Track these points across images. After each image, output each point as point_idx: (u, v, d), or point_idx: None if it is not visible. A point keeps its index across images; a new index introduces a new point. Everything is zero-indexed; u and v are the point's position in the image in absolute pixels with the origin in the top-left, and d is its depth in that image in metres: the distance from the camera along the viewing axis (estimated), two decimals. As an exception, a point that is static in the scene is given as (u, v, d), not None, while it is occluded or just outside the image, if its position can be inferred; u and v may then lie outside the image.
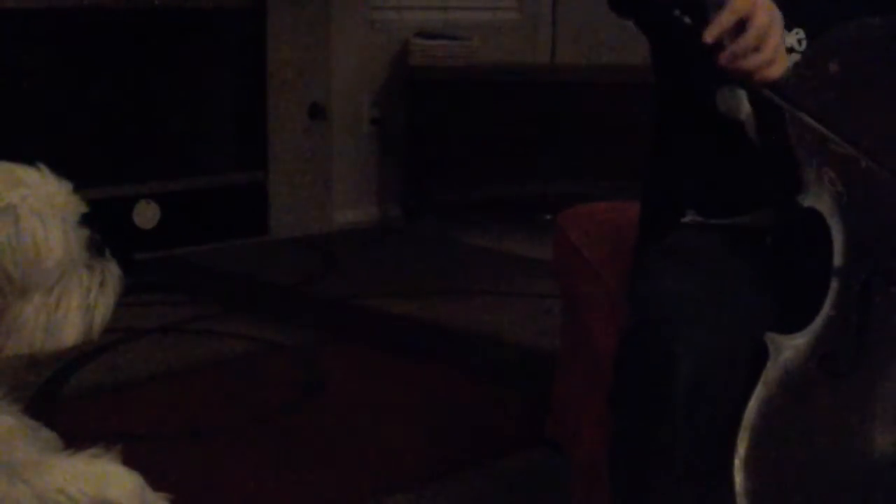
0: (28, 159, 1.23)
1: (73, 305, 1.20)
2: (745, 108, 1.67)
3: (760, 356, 1.43)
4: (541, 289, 3.79)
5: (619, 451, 1.56)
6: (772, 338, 1.44)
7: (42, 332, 1.18)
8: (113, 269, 1.25)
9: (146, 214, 4.38)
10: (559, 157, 4.83)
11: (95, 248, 1.24)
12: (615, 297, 1.85)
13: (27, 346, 1.17)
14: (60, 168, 1.24)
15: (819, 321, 1.45)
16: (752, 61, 1.43)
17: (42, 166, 1.22)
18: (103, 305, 1.24)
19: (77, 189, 1.24)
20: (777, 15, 1.45)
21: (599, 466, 1.69)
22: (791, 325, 1.46)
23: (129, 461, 1.25)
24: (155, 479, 1.26)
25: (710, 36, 1.41)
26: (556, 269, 2.28)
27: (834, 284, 1.46)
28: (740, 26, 1.41)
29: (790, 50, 1.60)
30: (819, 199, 1.48)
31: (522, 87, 4.88)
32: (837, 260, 1.47)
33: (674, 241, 1.71)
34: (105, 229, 1.26)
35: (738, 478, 1.37)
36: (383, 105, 5.07)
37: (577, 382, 2.13)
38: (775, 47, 1.44)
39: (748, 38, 1.41)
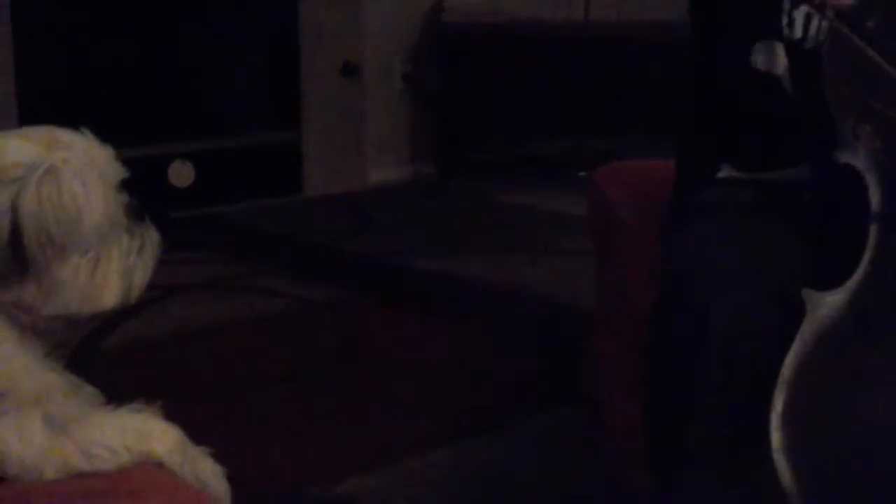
0: (67, 121, 1.24)
1: (112, 268, 1.21)
2: (782, 62, 1.65)
3: (796, 312, 1.43)
4: (575, 246, 3.78)
5: (654, 408, 1.56)
6: (808, 294, 1.43)
7: (81, 293, 1.19)
8: (152, 235, 1.27)
9: (181, 173, 4.41)
10: (594, 113, 4.80)
11: (135, 214, 1.25)
12: (650, 253, 1.85)
13: (65, 307, 1.19)
14: (95, 127, 1.24)
15: (856, 277, 1.44)
16: None
17: (84, 129, 1.23)
18: (142, 270, 1.25)
19: (113, 149, 1.25)
20: None
21: (634, 423, 1.70)
22: (828, 282, 1.45)
23: (169, 416, 1.26)
24: (194, 434, 1.28)
25: None
26: (591, 225, 2.28)
27: (873, 231, 1.45)
28: None
29: None
30: (855, 156, 1.47)
31: (557, 43, 4.85)
32: (876, 207, 1.46)
33: (709, 196, 1.71)
34: (141, 189, 1.27)
35: (776, 434, 1.37)
36: (417, 63, 5.06)
37: (611, 339, 2.13)
38: None
39: None
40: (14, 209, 1.12)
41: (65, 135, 1.21)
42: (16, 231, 1.12)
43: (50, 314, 1.18)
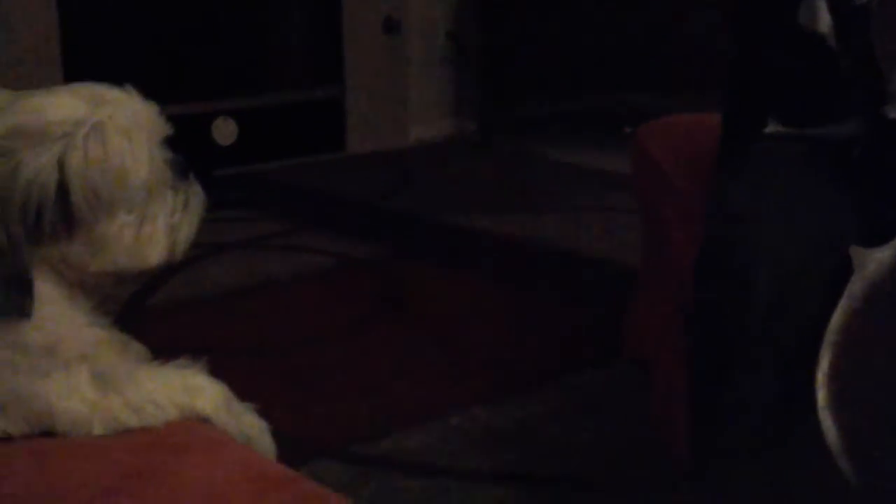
0: (111, 78, 1.25)
1: (157, 225, 1.22)
2: (825, 20, 1.62)
3: (844, 269, 1.42)
4: (619, 203, 3.77)
5: (698, 367, 1.55)
6: (856, 251, 1.42)
7: (127, 250, 1.20)
8: (196, 192, 1.27)
9: (224, 131, 4.42)
10: (638, 69, 4.76)
11: (179, 170, 1.25)
12: (695, 210, 1.83)
13: (112, 264, 1.20)
14: (138, 84, 1.25)
15: (905, 234, 1.42)
16: None
17: (129, 86, 1.23)
18: (186, 227, 1.25)
19: (157, 106, 1.25)
20: None
21: (678, 382, 1.69)
22: (876, 238, 1.43)
23: (214, 372, 1.28)
24: (238, 390, 1.29)
25: None
26: (635, 183, 2.26)
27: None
28: None
29: None
30: (905, 111, 1.45)
31: (600, -2, 4.81)
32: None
33: (755, 152, 1.69)
34: (185, 146, 1.27)
35: (821, 392, 1.36)
36: (459, 19, 5.03)
37: (655, 297, 2.12)
38: None
39: None
40: (61, 167, 1.12)
41: (109, 91, 1.21)
42: (63, 188, 1.13)
43: (97, 271, 1.19)
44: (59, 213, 1.13)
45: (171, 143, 1.25)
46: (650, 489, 2.01)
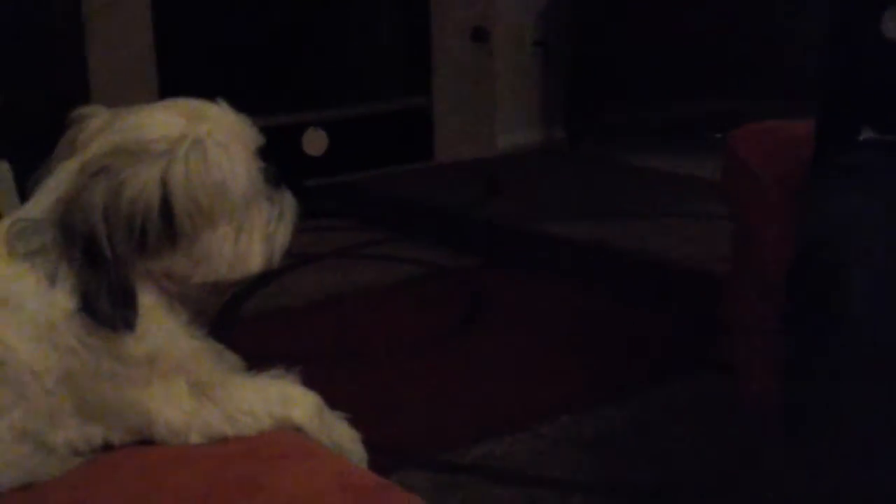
0: (204, 92, 1.27)
1: (255, 234, 1.24)
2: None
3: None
4: (709, 209, 3.73)
5: (794, 374, 1.54)
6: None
7: (227, 260, 1.22)
8: (290, 201, 1.29)
9: (315, 141, 4.47)
10: (728, 74, 4.70)
11: (272, 180, 1.28)
12: (787, 217, 1.81)
13: (213, 274, 1.22)
14: (231, 98, 1.27)
15: None
16: None
17: (221, 100, 1.25)
18: (282, 235, 1.28)
19: (248, 118, 1.28)
20: None
21: (770, 390, 1.67)
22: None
23: (307, 382, 1.29)
24: (329, 400, 1.31)
25: None
26: (726, 189, 2.24)
27: None
28: None
29: None
30: None
31: (690, 4, 4.75)
32: None
33: (849, 159, 1.66)
34: (277, 158, 1.29)
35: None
36: (547, 26, 5.02)
37: (747, 304, 2.09)
38: None
39: None
40: (164, 183, 1.15)
41: (204, 106, 1.24)
42: (166, 204, 1.16)
43: (198, 282, 1.22)
44: (163, 228, 1.16)
45: (262, 153, 1.27)
46: (737, 499, 1.99)
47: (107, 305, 1.12)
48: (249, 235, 1.23)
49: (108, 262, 1.12)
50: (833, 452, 1.46)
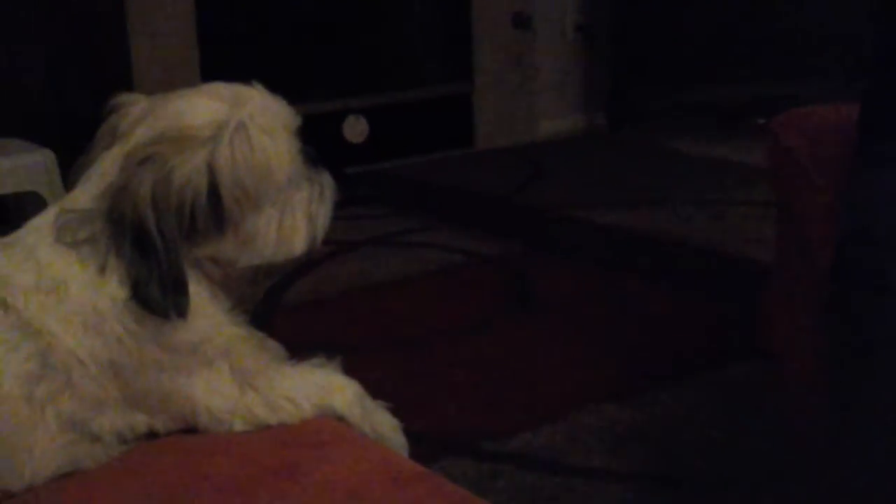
0: (245, 78, 1.28)
1: (297, 216, 1.25)
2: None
3: None
4: (753, 196, 3.70)
5: (839, 363, 1.52)
6: None
7: (272, 242, 1.23)
8: (328, 181, 1.30)
9: (356, 129, 4.48)
10: (771, 58, 4.66)
11: (311, 161, 1.28)
12: (832, 203, 1.79)
13: (259, 257, 1.23)
14: (272, 84, 1.27)
15: None
16: None
17: (257, 83, 1.26)
18: (323, 215, 1.28)
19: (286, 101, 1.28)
20: None
21: (815, 377, 1.65)
22: None
23: (347, 370, 1.30)
24: (370, 388, 1.31)
25: None
26: (771, 175, 2.21)
27: None
28: None
29: None
30: None
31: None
32: None
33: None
34: (317, 145, 1.30)
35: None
36: (588, 12, 5.00)
37: (791, 292, 2.07)
38: None
39: None
40: (210, 169, 1.16)
41: (244, 90, 1.24)
42: (213, 189, 1.16)
43: (244, 265, 1.22)
44: (211, 214, 1.17)
45: (301, 134, 1.28)
46: (785, 488, 1.97)
47: (158, 294, 1.13)
48: (292, 216, 1.24)
49: (158, 251, 1.12)
50: (880, 441, 1.44)
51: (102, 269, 1.13)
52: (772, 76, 4.70)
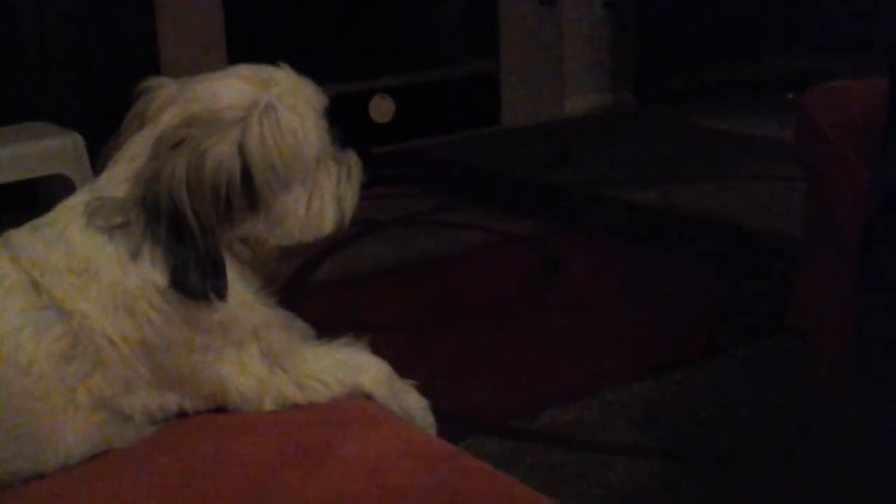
0: (272, 59, 1.28)
1: (326, 195, 1.25)
2: None
3: None
4: (782, 172, 3.67)
5: (869, 341, 1.51)
6: None
7: (301, 222, 1.24)
8: (354, 160, 1.30)
9: (382, 108, 4.48)
10: (799, 32, 4.61)
11: (338, 141, 1.28)
12: (861, 179, 1.77)
13: (289, 236, 1.24)
14: (299, 65, 1.28)
15: None
16: None
17: (283, 64, 1.26)
18: (351, 195, 1.29)
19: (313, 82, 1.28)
20: None
21: (844, 354, 1.65)
22: None
23: (375, 350, 1.30)
24: (398, 367, 1.31)
25: None
26: (799, 151, 2.20)
27: None
28: None
29: None
30: None
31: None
32: None
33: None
34: (343, 125, 1.30)
35: None
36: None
37: (821, 269, 2.06)
38: None
39: None
40: (241, 150, 1.16)
41: (271, 71, 1.24)
42: (245, 171, 1.17)
43: (274, 245, 1.23)
44: (244, 195, 1.17)
45: (328, 114, 1.28)
46: (811, 465, 1.97)
47: (198, 279, 1.13)
48: (321, 197, 1.24)
49: (195, 236, 1.13)
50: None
51: (135, 254, 1.14)
52: (799, 52, 4.66)
